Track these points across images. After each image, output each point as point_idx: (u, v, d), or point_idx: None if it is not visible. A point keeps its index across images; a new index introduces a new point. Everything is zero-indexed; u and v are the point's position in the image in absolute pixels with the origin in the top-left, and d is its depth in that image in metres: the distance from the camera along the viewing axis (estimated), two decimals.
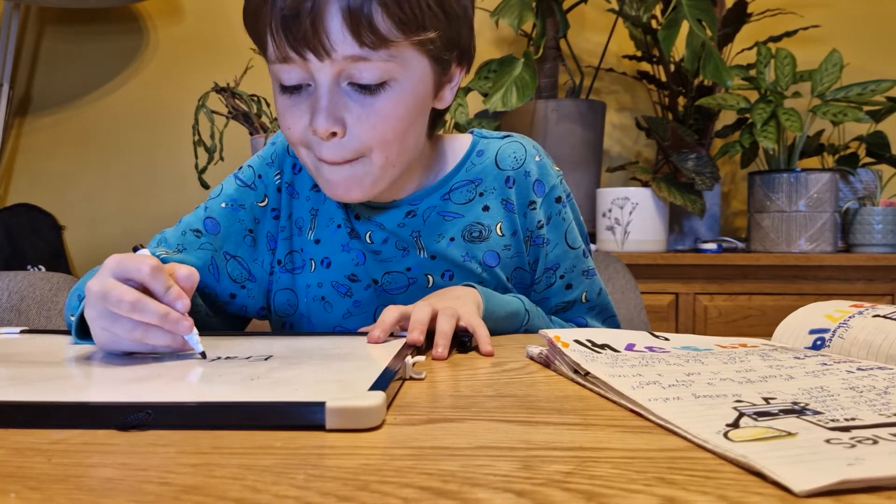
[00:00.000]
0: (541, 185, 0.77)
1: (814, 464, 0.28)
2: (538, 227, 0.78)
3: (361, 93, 0.63)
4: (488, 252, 0.76)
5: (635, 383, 0.42)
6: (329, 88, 0.63)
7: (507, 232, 0.77)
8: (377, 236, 0.76)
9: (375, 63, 0.62)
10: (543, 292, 0.80)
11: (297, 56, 0.61)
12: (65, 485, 0.28)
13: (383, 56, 0.62)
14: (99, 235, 2.07)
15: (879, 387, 0.41)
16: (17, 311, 1.24)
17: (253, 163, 0.79)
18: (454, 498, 0.27)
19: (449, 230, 0.76)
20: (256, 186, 0.78)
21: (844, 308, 0.56)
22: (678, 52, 1.77)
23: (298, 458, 0.31)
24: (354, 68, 0.62)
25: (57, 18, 2.08)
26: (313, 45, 0.60)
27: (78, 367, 0.49)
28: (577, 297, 0.81)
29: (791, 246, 1.67)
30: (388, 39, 0.61)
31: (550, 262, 0.79)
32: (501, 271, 0.77)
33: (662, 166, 1.90)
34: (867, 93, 1.67)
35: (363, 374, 0.44)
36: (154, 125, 2.08)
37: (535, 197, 0.77)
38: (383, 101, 0.64)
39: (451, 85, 0.72)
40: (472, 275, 0.76)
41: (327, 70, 0.62)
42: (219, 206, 0.77)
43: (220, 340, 0.60)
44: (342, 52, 0.61)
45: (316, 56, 0.61)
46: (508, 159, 0.77)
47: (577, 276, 0.80)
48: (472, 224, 0.76)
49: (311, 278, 0.78)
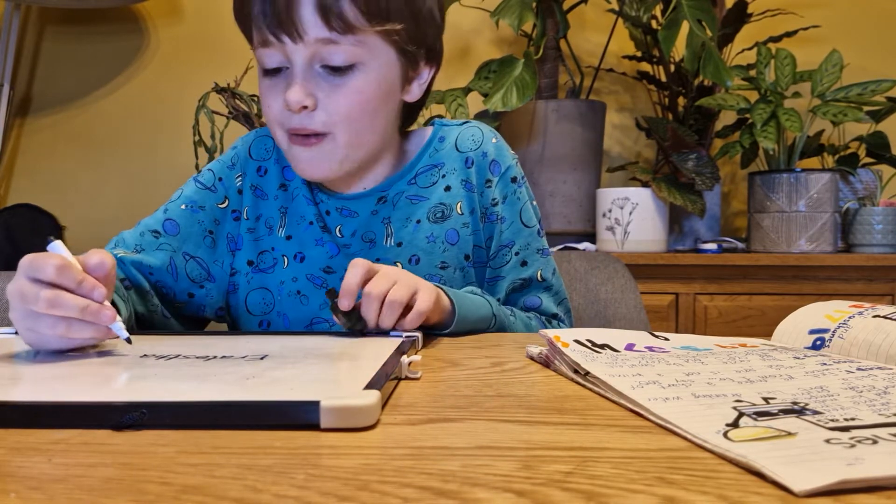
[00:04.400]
0: (497, 164, 0.82)
1: (813, 464, 0.28)
2: (493, 205, 0.82)
3: (332, 74, 0.71)
4: (450, 230, 0.81)
5: (635, 383, 0.42)
6: (303, 68, 0.70)
7: (466, 210, 0.81)
8: (346, 230, 0.80)
9: (344, 47, 0.69)
10: (499, 270, 0.83)
11: (274, 39, 0.69)
12: (65, 485, 0.28)
13: (351, 41, 0.69)
14: (99, 235, 2.07)
15: (879, 387, 0.41)
16: None
17: (213, 166, 0.83)
18: (454, 498, 0.27)
19: (416, 213, 0.80)
20: (216, 189, 0.81)
21: (844, 308, 0.57)
22: (678, 52, 1.77)
23: (298, 457, 0.31)
24: (326, 51, 0.69)
25: (57, 19, 2.09)
26: (288, 28, 0.68)
27: (74, 367, 0.49)
28: (533, 274, 0.83)
29: (791, 246, 1.67)
30: (354, 26, 0.69)
31: (505, 240, 0.82)
32: (461, 249, 0.81)
33: (662, 166, 1.90)
34: (867, 93, 1.67)
35: (358, 373, 0.44)
36: (154, 125, 2.08)
37: (492, 176, 0.82)
38: (352, 81, 0.71)
39: (419, 81, 0.78)
40: (436, 255, 0.80)
41: (301, 52, 0.70)
42: (178, 208, 0.80)
43: (217, 340, 0.60)
44: (313, 34, 0.68)
45: (290, 39, 0.69)
46: (467, 142, 0.83)
47: (531, 254, 0.83)
48: (436, 205, 0.81)
49: (284, 274, 0.80)
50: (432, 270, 0.80)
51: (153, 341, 0.59)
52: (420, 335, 0.61)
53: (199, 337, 0.63)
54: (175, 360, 0.50)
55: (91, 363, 0.50)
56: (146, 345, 0.56)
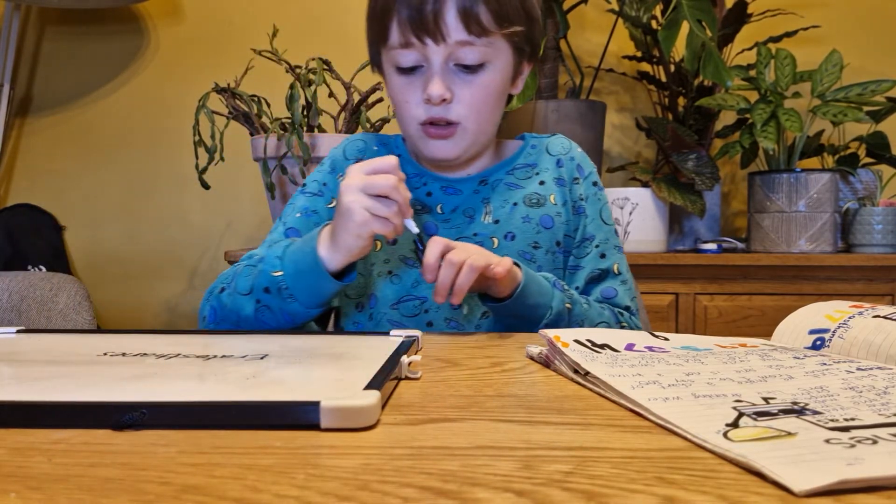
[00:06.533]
0: (581, 169, 0.92)
1: (813, 464, 0.28)
2: (581, 199, 0.91)
3: (465, 71, 0.80)
4: (545, 216, 0.88)
5: (635, 383, 0.42)
6: (441, 66, 0.79)
7: (559, 202, 0.90)
8: (447, 206, 0.88)
9: (477, 48, 0.78)
10: (580, 260, 0.90)
11: (418, 42, 0.78)
12: (65, 485, 0.28)
13: (483, 42, 0.78)
14: (99, 235, 2.07)
15: (879, 387, 0.41)
16: (18, 311, 1.24)
17: (315, 176, 0.91)
18: (454, 498, 0.27)
19: (513, 196, 0.89)
20: (323, 193, 0.89)
21: (844, 308, 0.57)
22: (678, 52, 1.77)
23: (298, 457, 0.31)
24: (461, 52, 0.78)
25: (57, 19, 2.09)
26: (433, 32, 0.77)
27: (73, 366, 0.49)
28: (610, 266, 0.89)
29: (791, 246, 1.67)
30: (488, 30, 0.78)
31: (588, 233, 0.90)
32: (554, 235, 0.89)
33: (662, 166, 1.90)
34: (867, 93, 1.67)
35: (358, 373, 0.44)
36: (154, 125, 2.08)
37: (579, 176, 0.92)
38: (481, 78, 0.80)
39: (522, 76, 0.88)
40: (529, 235, 0.87)
41: (441, 52, 0.78)
42: (294, 217, 0.87)
43: (217, 340, 0.60)
44: (454, 37, 0.77)
45: (433, 41, 0.77)
46: (557, 147, 0.94)
47: (609, 248, 0.90)
48: (532, 193, 0.89)
49: (375, 256, 0.86)
50: (525, 248, 0.87)
51: (153, 340, 0.59)
52: (420, 335, 0.61)
53: (200, 336, 0.63)
54: (175, 360, 0.50)
55: (91, 363, 0.50)
56: (146, 344, 0.56)
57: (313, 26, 2.04)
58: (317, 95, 1.52)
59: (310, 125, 1.55)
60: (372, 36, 0.84)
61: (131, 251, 2.06)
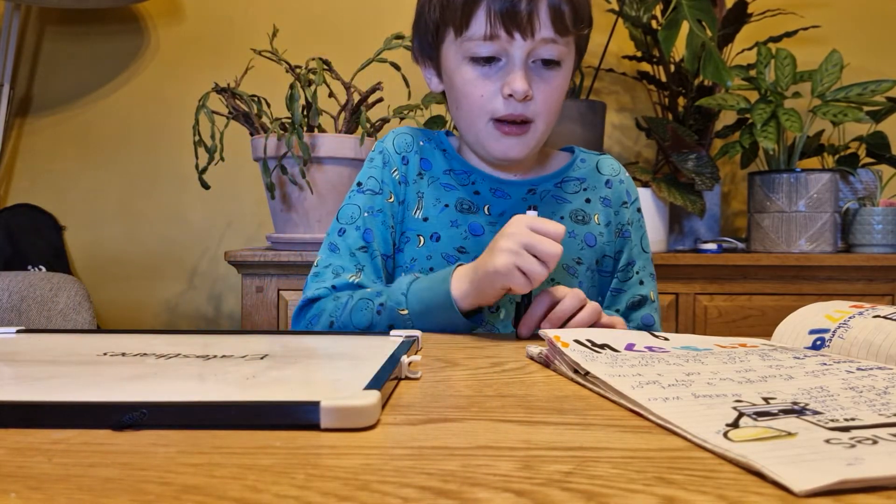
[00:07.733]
0: (629, 193, 0.94)
1: (813, 464, 0.28)
2: (627, 224, 0.93)
3: (544, 67, 0.81)
4: (588, 234, 0.90)
5: (635, 383, 0.42)
6: (523, 62, 0.80)
7: (603, 222, 0.91)
8: (495, 209, 0.89)
9: (558, 46, 0.80)
10: (623, 283, 0.92)
11: (506, 35, 0.78)
12: (65, 485, 0.28)
13: (564, 41, 0.81)
14: (99, 235, 2.07)
15: (879, 387, 0.41)
16: (18, 311, 1.24)
17: (370, 173, 0.90)
18: (454, 498, 0.27)
19: (559, 210, 0.90)
20: (382, 190, 0.89)
21: (844, 308, 0.57)
22: (678, 52, 1.77)
23: (298, 457, 0.31)
24: (544, 48, 0.80)
25: (57, 19, 2.08)
26: (523, 28, 0.78)
27: (73, 366, 0.49)
28: (647, 293, 0.93)
29: (791, 246, 1.67)
30: (570, 29, 0.80)
31: (631, 258, 0.92)
32: (595, 253, 0.90)
33: (662, 166, 1.90)
34: (867, 93, 1.67)
35: (358, 373, 0.44)
36: (154, 125, 2.07)
37: (628, 200, 0.93)
38: (555, 77, 0.82)
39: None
40: (573, 250, 0.89)
41: (524, 48, 0.79)
42: (363, 217, 0.87)
43: (217, 340, 0.60)
44: (542, 34, 0.79)
45: (523, 37, 0.78)
46: (607, 167, 0.95)
47: (647, 276, 0.93)
48: (577, 209, 0.91)
49: (417, 252, 0.88)
50: (568, 262, 0.88)
51: (153, 340, 0.59)
52: (420, 335, 0.61)
53: (199, 336, 0.63)
54: (175, 360, 0.50)
55: (91, 363, 0.50)
56: (146, 344, 0.56)
57: (313, 26, 2.04)
58: (317, 95, 1.52)
59: (310, 125, 1.55)
60: (442, 23, 0.83)
61: (131, 251, 2.06)
